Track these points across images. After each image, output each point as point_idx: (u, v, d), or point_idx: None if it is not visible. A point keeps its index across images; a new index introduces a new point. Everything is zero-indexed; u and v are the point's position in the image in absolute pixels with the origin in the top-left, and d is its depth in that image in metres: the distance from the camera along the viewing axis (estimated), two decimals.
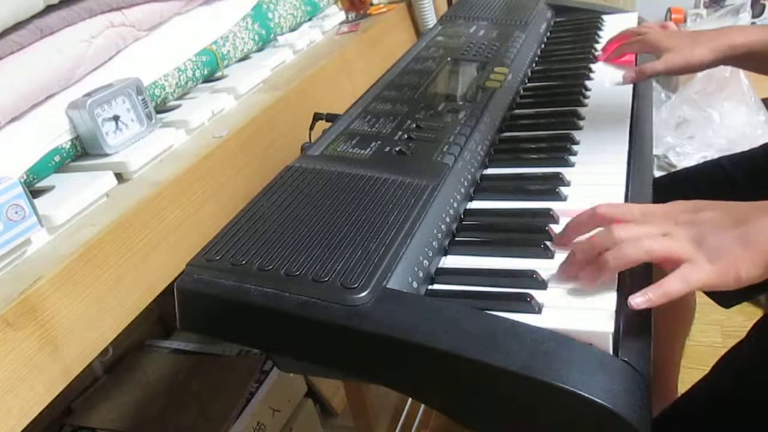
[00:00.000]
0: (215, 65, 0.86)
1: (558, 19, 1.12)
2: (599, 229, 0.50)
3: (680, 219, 0.48)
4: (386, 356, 0.44)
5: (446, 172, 0.61)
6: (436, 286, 0.52)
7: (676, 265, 0.45)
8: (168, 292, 0.56)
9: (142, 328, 1.19)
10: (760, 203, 0.47)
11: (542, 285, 0.49)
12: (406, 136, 0.67)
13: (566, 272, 0.49)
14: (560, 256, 0.52)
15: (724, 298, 0.85)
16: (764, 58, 0.74)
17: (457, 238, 0.57)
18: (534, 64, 0.95)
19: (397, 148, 0.65)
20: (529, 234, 0.56)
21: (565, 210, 0.58)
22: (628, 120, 0.74)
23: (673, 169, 1.71)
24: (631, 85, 0.82)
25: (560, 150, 0.69)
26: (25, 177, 0.61)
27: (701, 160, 1.65)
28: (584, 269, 0.48)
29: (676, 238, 0.46)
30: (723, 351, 0.66)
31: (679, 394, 0.90)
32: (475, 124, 0.70)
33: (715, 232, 0.46)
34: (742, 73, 1.71)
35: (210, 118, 0.77)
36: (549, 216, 0.58)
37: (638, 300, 0.44)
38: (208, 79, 0.86)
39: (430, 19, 1.22)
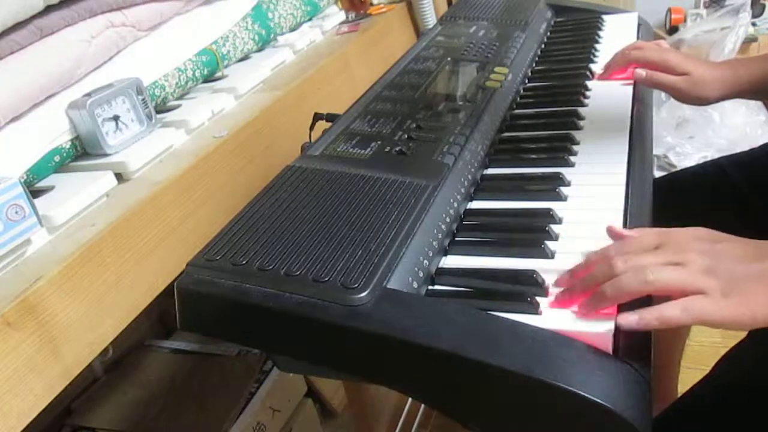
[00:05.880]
0: (215, 65, 0.86)
1: (558, 19, 1.12)
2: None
3: (694, 247, 0.44)
4: (386, 356, 0.44)
5: (446, 172, 0.61)
6: (436, 286, 0.52)
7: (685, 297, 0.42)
8: (168, 292, 0.56)
9: (142, 328, 1.19)
10: None
11: (542, 285, 0.49)
12: (406, 136, 0.67)
13: (562, 303, 0.46)
14: (560, 256, 0.52)
15: None
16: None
17: (457, 238, 0.57)
18: (534, 64, 0.95)
19: (397, 148, 0.65)
20: (529, 234, 0.56)
21: (567, 209, 0.58)
22: (628, 120, 0.74)
23: (673, 169, 1.71)
24: (632, 86, 0.82)
25: (560, 150, 0.69)
26: (25, 177, 0.61)
27: (701, 160, 1.65)
28: (581, 300, 0.45)
29: (688, 267, 0.43)
30: (723, 351, 0.66)
31: (679, 394, 0.90)
32: (475, 124, 0.70)
33: (733, 265, 0.42)
34: None
35: (210, 118, 0.77)
36: (549, 216, 0.58)
37: (630, 319, 0.41)
38: (208, 79, 0.86)
39: (430, 19, 1.22)
